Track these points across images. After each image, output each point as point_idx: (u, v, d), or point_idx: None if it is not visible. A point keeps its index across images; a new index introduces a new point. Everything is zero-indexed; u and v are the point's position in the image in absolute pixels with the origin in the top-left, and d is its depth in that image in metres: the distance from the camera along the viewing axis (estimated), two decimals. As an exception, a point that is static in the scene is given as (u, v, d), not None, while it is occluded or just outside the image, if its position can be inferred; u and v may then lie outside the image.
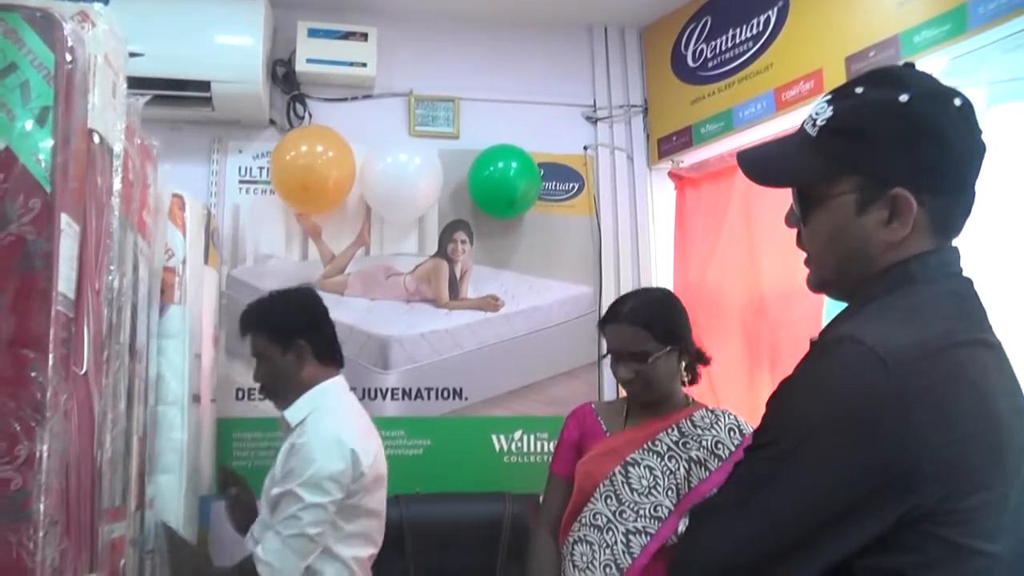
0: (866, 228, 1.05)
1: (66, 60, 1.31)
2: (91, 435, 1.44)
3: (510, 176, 3.08)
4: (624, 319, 2.03)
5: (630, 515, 1.92)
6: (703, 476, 1.94)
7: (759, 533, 0.98)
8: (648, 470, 1.95)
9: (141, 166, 1.86)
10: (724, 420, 2.03)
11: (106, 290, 1.51)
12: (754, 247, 2.95)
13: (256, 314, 2.19)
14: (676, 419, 2.02)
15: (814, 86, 2.73)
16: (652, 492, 1.93)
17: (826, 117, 1.08)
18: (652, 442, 1.99)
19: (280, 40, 3.17)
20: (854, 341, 0.95)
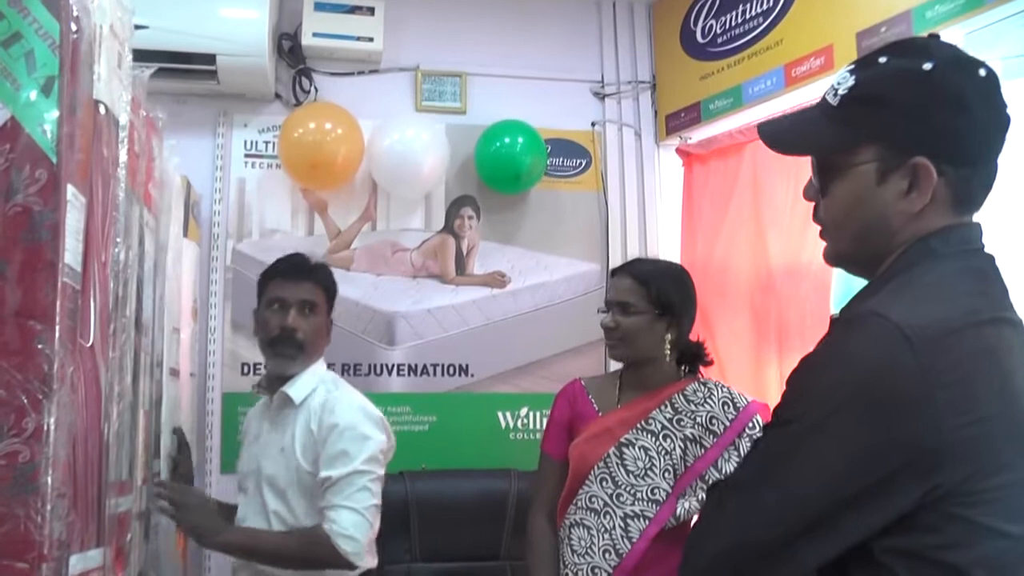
0: (886, 198, 1.04)
1: (71, 30, 1.29)
2: (98, 408, 1.43)
3: (516, 151, 3.07)
4: (626, 271, 2.07)
5: (627, 498, 1.91)
6: (698, 454, 1.93)
7: (780, 510, 0.96)
8: (643, 451, 1.94)
9: (147, 139, 1.85)
10: (717, 393, 2.00)
11: (112, 263, 1.50)
12: (762, 224, 2.94)
13: (324, 268, 2.21)
14: (668, 394, 2.00)
15: (824, 62, 2.70)
16: (648, 474, 1.92)
17: (848, 86, 1.06)
18: (645, 421, 1.97)
19: (286, 13, 3.15)
20: (879, 317, 0.94)
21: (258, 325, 2.14)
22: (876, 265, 1.08)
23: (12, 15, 1.23)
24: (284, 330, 2.06)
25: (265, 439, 2.10)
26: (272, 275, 2.13)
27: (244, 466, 2.16)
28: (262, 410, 2.17)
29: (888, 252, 1.06)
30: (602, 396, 2.09)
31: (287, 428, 2.06)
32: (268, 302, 2.09)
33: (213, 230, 3.09)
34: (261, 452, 2.08)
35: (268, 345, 2.08)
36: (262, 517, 2.05)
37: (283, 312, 2.07)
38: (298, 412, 2.06)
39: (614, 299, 2.03)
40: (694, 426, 1.95)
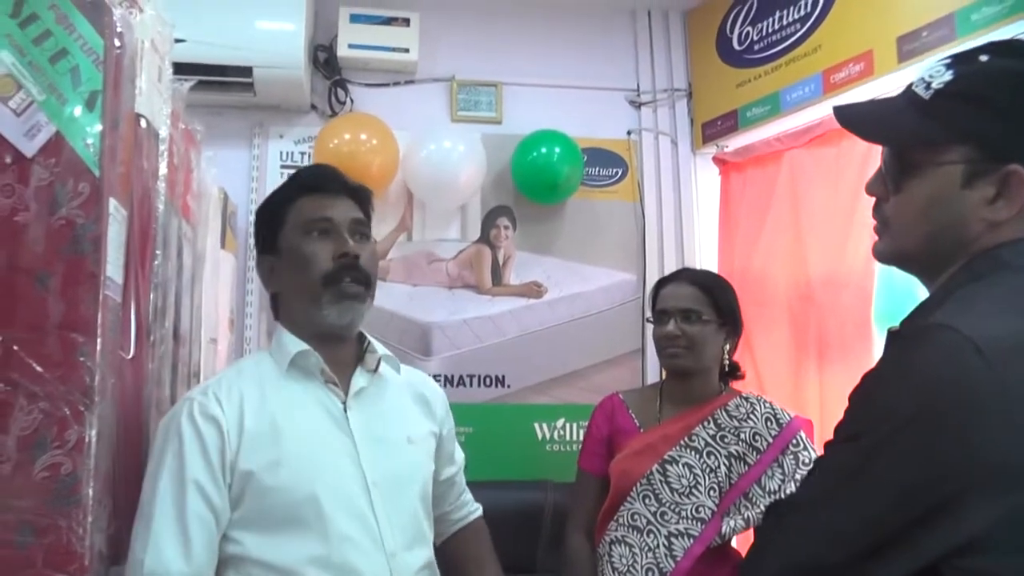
0: (968, 203, 1.00)
1: (115, 45, 1.31)
2: (138, 420, 1.44)
3: (553, 161, 3.05)
4: (685, 278, 2.04)
5: (671, 516, 1.87)
6: (742, 471, 1.90)
7: (847, 531, 0.93)
8: (687, 468, 1.90)
9: (185, 151, 1.86)
10: (760, 408, 1.97)
11: (152, 274, 1.51)
12: (801, 233, 2.89)
13: (368, 190, 1.63)
14: (711, 410, 1.96)
15: (864, 68, 2.66)
16: (693, 492, 1.88)
17: (944, 80, 1.01)
18: (689, 437, 1.93)
19: (322, 25, 3.16)
20: (949, 330, 0.90)
21: (289, 265, 1.47)
22: (937, 270, 1.04)
23: (59, 32, 1.25)
24: (346, 257, 1.44)
25: (366, 430, 1.44)
26: (301, 189, 1.52)
27: (324, 480, 1.37)
28: (292, 396, 1.43)
29: (955, 259, 1.02)
30: (643, 411, 2.06)
31: (395, 411, 1.54)
32: (304, 227, 1.46)
33: (249, 241, 3.10)
34: (372, 450, 1.43)
35: (324, 284, 1.43)
36: (424, 544, 1.50)
37: (333, 237, 1.46)
38: (397, 387, 1.57)
39: (675, 307, 1.99)
40: (738, 443, 1.92)
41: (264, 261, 1.54)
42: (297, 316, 1.48)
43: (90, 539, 1.16)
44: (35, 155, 1.21)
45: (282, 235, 1.49)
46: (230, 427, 1.33)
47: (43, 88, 1.23)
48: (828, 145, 2.85)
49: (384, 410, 1.50)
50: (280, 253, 1.49)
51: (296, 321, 1.48)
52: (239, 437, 1.33)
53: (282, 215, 1.50)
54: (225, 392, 1.37)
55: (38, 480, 1.14)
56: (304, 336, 1.46)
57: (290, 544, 1.29)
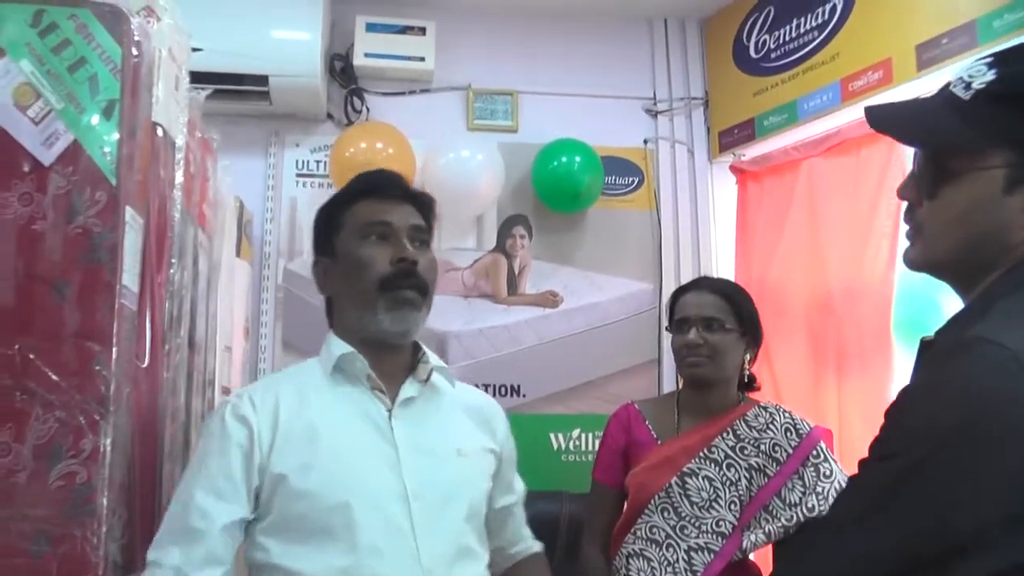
0: (1010, 209, 0.95)
1: (132, 54, 1.31)
2: (153, 429, 1.44)
3: (575, 170, 3.04)
4: (707, 287, 2.00)
5: (691, 531, 1.83)
6: (762, 483, 1.86)
7: (886, 551, 0.89)
8: (707, 481, 1.86)
9: (202, 159, 1.86)
10: (779, 419, 1.93)
11: (168, 283, 1.51)
12: (819, 242, 2.87)
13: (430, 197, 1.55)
14: (730, 421, 1.93)
15: (883, 76, 2.64)
16: (713, 506, 1.85)
17: (985, 80, 0.96)
18: (708, 449, 1.90)
19: (338, 34, 3.17)
20: (991, 344, 0.86)
21: (345, 269, 1.42)
22: (973, 278, 1.00)
23: (78, 41, 1.26)
24: (404, 263, 1.39)
25: (411, 441, 1.36)
26: (361, 193, 1.47)
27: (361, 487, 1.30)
28: (333, 400, 1.37)
29: (993, 267, 0.98)
30: (659, 421, 2.02)
31: (445, 423, 1.45)
32: (361, 230, 1.41)
33: (264, 249, 3.11)
34: (416, 461, 1.35)
35: (380, 289, 1.37)
36: (473, 560, 1.39)
37: (391, 242, 1.41)
38: (450, 400, 1.49)
39: (697, 315, 1.96)
40: (758, 454, 1.88)
41: (319, 264, 1.48)
42: (350, 321, 1.43)
43: (104, 549, 1.16)
44: (53, 164, 1.21)
45: (339, 238, 1.44)
46: (262, 429, 1.29)
47: (61, 97, 1.23)
48: (846, 154, 2.83)
49: (433, 421, 1.42)
50: (336, 256, 1.44)
51: (348, 327, 1.43)
52: (272, 439, 1.29)
53: (340, 218, 1.46)
54: (260, 395, 1.34)
55: (53, 489, 1.14)
56: (355, 342, 1.41)
57: (316, 553, 1.24)
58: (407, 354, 1.47)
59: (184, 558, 1.19)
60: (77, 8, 1.26)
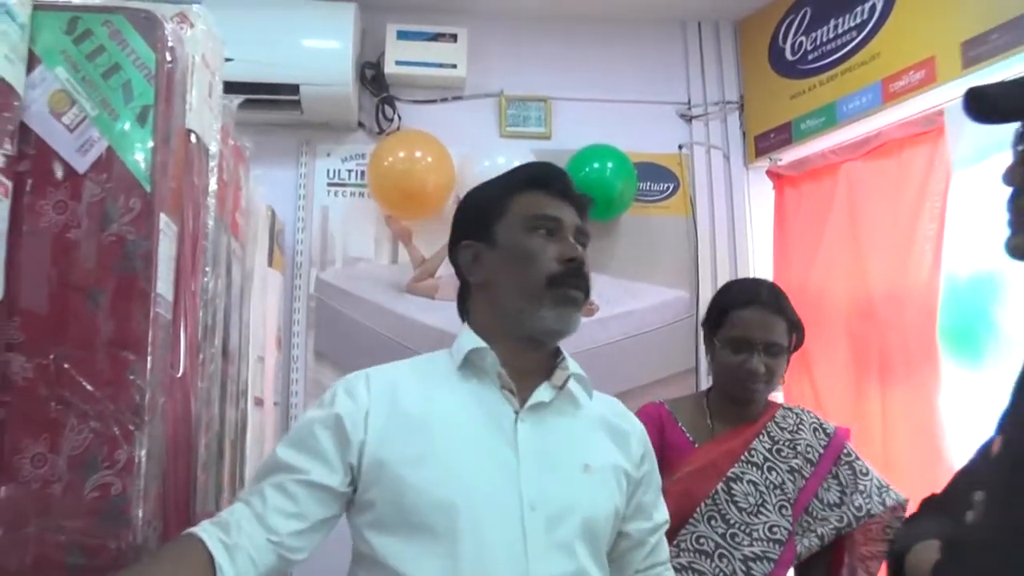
0: None
1: (166, 60, 1.29)
2: (188, 439, 1.42)
3: (607, 176, 3.00)
4: (770, 306, 1.87)
5: (743, 538, 1.77)
6: (801, 486, 1.82)
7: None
8: (752, 486, 1.81)
9: (235, 167, 1.85)
10: (806, 419, 1.90)
11: (202, 292, 1.49)
12: (860, 248, 2.81)
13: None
14: (763, 423, 1.88)
15: (926, 75, 2.57)
16: (761, 511, 1.79)
17: None
18: (748, 452, 1.84)
19: (369, 42, 3.16)
20: None
21: (508, 258, 1.34)
22: None
23: (112, 47, 1.24)
24: (574, 262, 1.33)
25: (535, 448, 1.26)
26: (530, 183, 1.40)
27: (477, 488, 1.21)
28: (457, 395, 1.31)
29: None
30: (693, 423, 1.94)
31: (576, 434, 1.35)
32: (529, 222, 1.35)
33: (296, 259, 3.11)
34: (538, 471, 1.25)
35: (548, 285, 1.30)
36: None
37: (558, 239, 1.35)
38: (585, 411, 1.39)
39: (765, 339, 1.84)
40: (795, 456, 1.84)
41: (469, 248, 1.39)
42: (504, 314, 1.33)
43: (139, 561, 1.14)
44: (87, 171, 1.19)
45: (501, 225, 1.37)
46: (372, 409, 1.24)
47: (96, 103, 1.22)
48: (888, 156, 2.77)
49: (562, 431, 1.31)
50: (495, 244, 1.36)
51: (498, 318, 1.34)
52: (384, 424, 1.23)
53: (505, 204, 1.38)
54: (379, 377, 1.30)
55: (88, 500, 1.12)
56: (496, 335, 1.32)
57: (415, 552, 1.16)
58: (548, 357, 1.39)
59: (261, 506, 1.18)
60: (111, 14, 1.25)
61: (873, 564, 1.84)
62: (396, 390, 1.28)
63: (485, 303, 1.38)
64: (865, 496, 1.81)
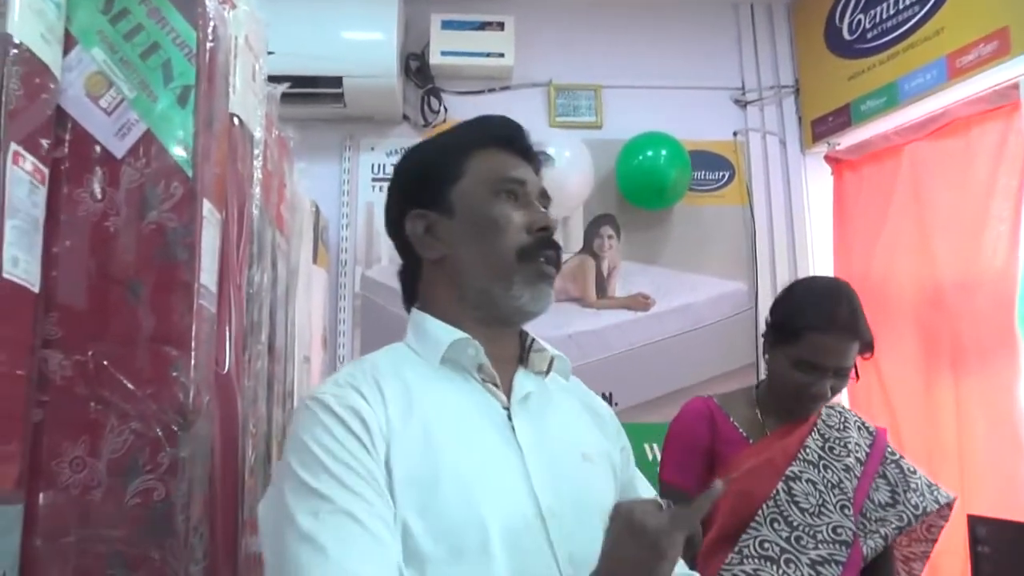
0: None
1: (208, 38, 1.22)
2: (235, 440, 1.35)
3: (660, 164, 2.92)
4: (845, 330, 1.72)
5: (808, 541, 1.66)
6: (855, 485, 1.73)
7: None
8: (811, 485, 1.71)
9: (279, 158, 1.79)
10: (851, 417, 1.84)
11: (247, 285, 1.42)
12: (927, 233, 2.68)
13: None
14: (813, 421, 1.79)
15: (998, 47, 2.42)
16: (823, 511, 1.69)
17: None
18: (804, 450, 1.75)
19: (413, 33, 3.10)
20: None
21: (470, 228, 1.17)
22: None
23: (151, 26, 1.17)
24: (546, 232, 1.18)
25: (536, 444, 1.11)
26: (489, 139, 1.22)
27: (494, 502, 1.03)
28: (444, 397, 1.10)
29: None
30: (744, 419, 1.84)
31: (566, 422, 1.20)
32: (492, 185, 1.18)
33: (341, 256, 3.05)
34: (545, 469, 1.09)
35: (519, 259, 1.15)
36: None
37: (523, 204, 1.19)
38: (566, 394, 1.25)
39: (838, 365, 1.72)
40: (848, 455, 1.76)
41: (421, 218, 1.18)
42: (470, 293, 1.16)
43: (185, 571, 1.06)
44: (125, 155, 1.12)
45: (457, 189, 1.18)
46: (378, 423, 1.01)
47: (133, 85, 1.14)
48: (955, 136, 2.64)
49: (554, 421, 1.16)
50: (452, 211, 1.17)
51: (462, 300, 1.17)
52: (388, 442, 1.01)
53: (461, 165, 1.19)
54: (365, 385, 1.05)
55: (130, 507, 1.04)
56: (466, 321, 1.15)
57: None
58: (517, 340, 1.23)
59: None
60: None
61: (916, 565, 1.81)
62: (385, 401, 1.06)
63: (443, 283, 1.19)
64: (919, 494, 1.75)
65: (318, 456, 0.97)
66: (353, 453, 0.97)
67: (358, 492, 0.95)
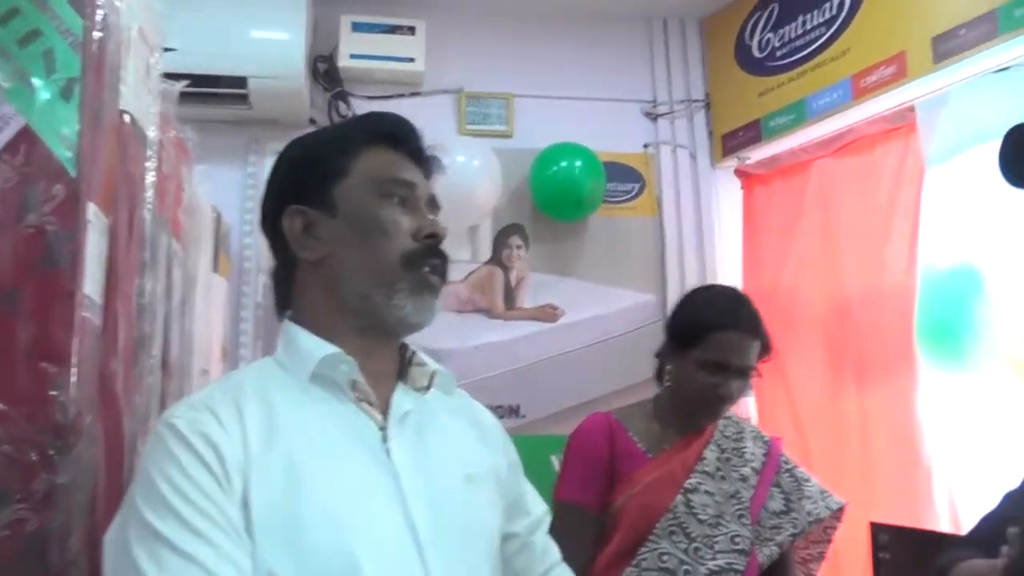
0: None
1: (96, 27, 1.12)
2: (121, 463, 1.25)
3: (576, 175, 2.90)
4: (747, 328, 1.74)
5: (706, 552, 1.66)
6: (751, 495, 1.74)
7: None
8: (708, 496, 1.71)
9: (176, 160, 1.69)
10: (746, 427, 1.85)
11: (138, 295, 1.32)
12: (834, 247, 2.75)
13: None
14: (710, 431, 1.80)
15: (897, 70, 2.53)
16: (720, 522, 1.69)
17: None
18: (702, 462, 1.75)
19: (322, 34, 3.02)
20: None
21: (355, 230, 1.09)
22: None
23: (30, 10, 1.07)
24: (434, 239, 1.10)
25: (414, 468, 1.03)
26: (377, 137, 1.15)
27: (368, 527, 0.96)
28: (312, 418, 1.01)
29: None
30: (643, 433, 1.81)
31: (449, 441, 1.12)
32: (380, 186, 1.10)
33: (243, 264, 2.93)
34: (423, 495, 1.01)
35: (404, 266, 1.07)
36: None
37: (411, 209, 1.11)
38: (449, 411, 1.17)
39: (743, 365, 1.73)
40: (743, 465, 1.77)
41: (300, 215, 1.10)
42: (350, 300, 1.08)
43: (62, 609, 0.97)
44: (0, 153, 1.02)
45: (342, 187, 1.10)
46: (234, 454, 0.92)
47: (8, 75, 1.04)
48: (860, 154, 2.72)
49: (434, 442, 1.09)
50: (335, 210, 1.09)
51: (333, 309, 1.09)
52: (246, 471, 0.92)
53: (346, 163, 1.11)
54: (223, 408, 0.96)
55: None
56: (337, 331, 1.07)
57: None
58: (396, 353, 1.15)
59: None
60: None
61: (814, 565, 1.86)
62: (245, 426, 0.96)
63: (319, 287, 1.11)
64: (812, 502, 1.79)
65: (163, 495, 0.88)
66: (203, 489, 0.89)
67: (206, 536, 0.86)
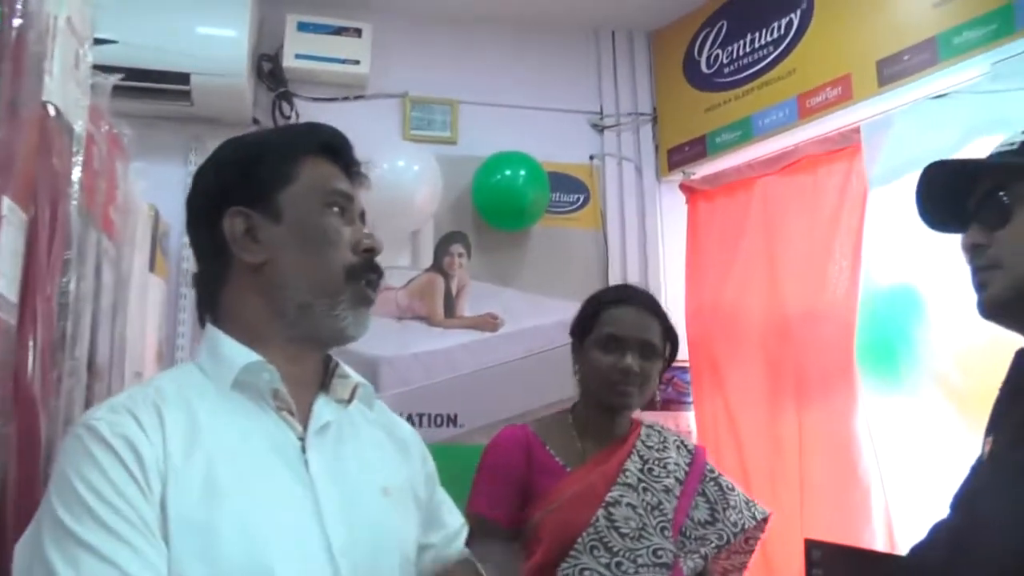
0: None
1: (15, 13, 1.07)
2: (36, 469, 1.19)
3: (519, 185, 2.88)
4: (644, 305, 1.80)
5: (628, 566, 1.64)
6: (674, 505, 1.73)
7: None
8: (631, 508, 1.69)
9: (109, 156, 1.63)
10: (669, 436, 1.85)
11: (59, 294, 1.27)
12: (776, 264, 2.76)
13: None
14: (632, 442, 1.79)
15: (842, 92, 2.57)
16: (643, 535, 1.67)
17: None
18: (623, 474, 1.73)
19: (267, 33, 2.95)
20: None
21: (298, 238, 1.09)
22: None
23: (-59, -8, 1.02)
24: (372, 253, 1.13)
25: (331, 479, 1.03)
26: (322, 148, 1.16)
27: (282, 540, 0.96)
28: (232, 427, 1.01)
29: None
30: (561, 446, 1.80)
31: (367, 453, 1.13)
32: (324, 196, 1.12)
33: (182, 265, 2.85)
34: (339, 506, 1.02)
35: (346, 279, 1.09)
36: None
37: (348, 221, 1.14)
38: (369, 424, 1.19)
39: (637, 338, 1.75)
40: (667, 476, 1.75)
41: (242, 217, 1.08)
42: (285, 307, 1.08)
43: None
44: (-93, 142, 0.97)
45: (288, 193, 1.10)
46: (154, 458, 0.91)
47: (-80, 59, 0.99)
48: (804, 172, 2.74)
49: (352, 454, 1.09)
50: (280, 216, 1.09)
51: (267, 315, 1.08)
52: (164, 478, 0.91)
53: (291, 170, 1.11)
54: (144, 412, 0.95)
55: None
56: (266, 337, 1.07)
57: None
58: (321, 363, 1.16)
59: None
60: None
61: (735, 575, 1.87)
62: (165, 432, 0.95)
63: (256, 292, 1.09)
64: (737, 511, 1.79)
65: (82, 496, 0.86)
66: (122, 492, 0.87)
67: (125, 539, 0.85)
